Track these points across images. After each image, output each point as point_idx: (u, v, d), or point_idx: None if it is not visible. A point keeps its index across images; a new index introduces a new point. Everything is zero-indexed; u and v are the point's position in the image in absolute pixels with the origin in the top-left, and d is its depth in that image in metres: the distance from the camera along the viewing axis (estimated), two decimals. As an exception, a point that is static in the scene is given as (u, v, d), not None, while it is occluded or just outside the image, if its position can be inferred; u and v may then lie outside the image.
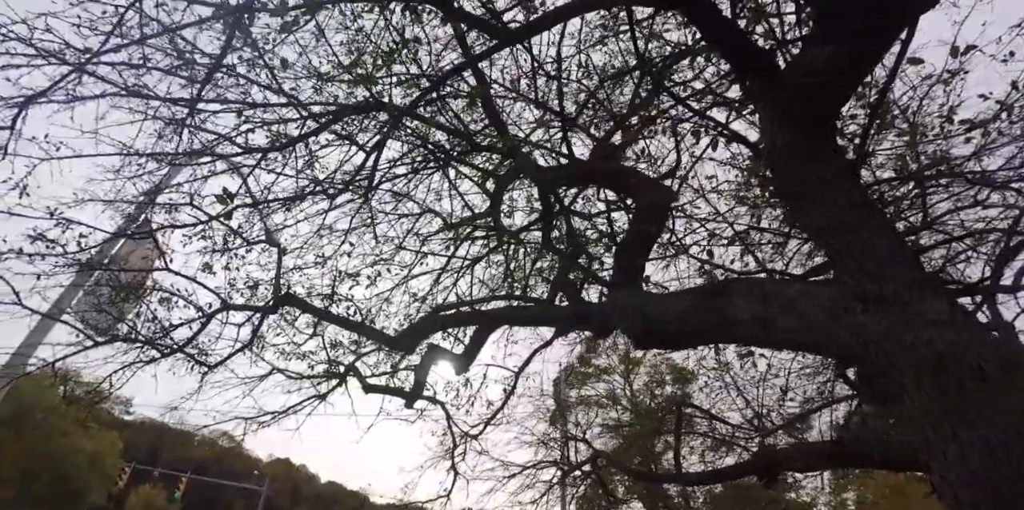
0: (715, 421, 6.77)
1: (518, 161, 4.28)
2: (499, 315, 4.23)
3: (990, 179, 3.76)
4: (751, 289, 2.37)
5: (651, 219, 3.62)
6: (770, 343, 2.29)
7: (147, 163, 3.60)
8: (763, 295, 2.29)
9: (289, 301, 4.18)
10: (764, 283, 2.61)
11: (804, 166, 2.05)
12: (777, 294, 2.26)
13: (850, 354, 2.03)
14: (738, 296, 2.40)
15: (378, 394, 5.44)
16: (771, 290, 2.30)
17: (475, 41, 3.71)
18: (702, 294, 2.59)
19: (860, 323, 1.97)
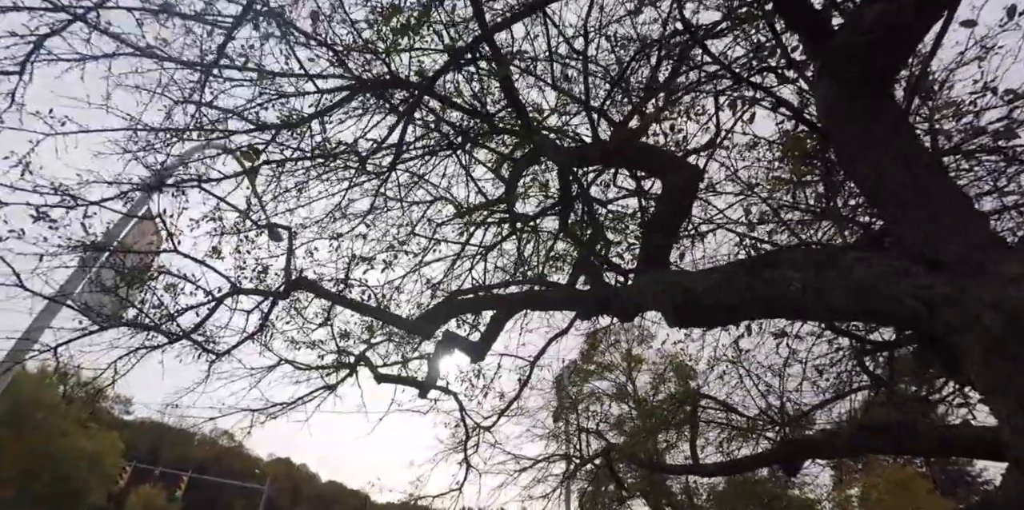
0: (731, 413, 6.65)
1: (537, 141, 4.15)
2: (519, 299, 4.10)
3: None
4: (802, 258, 2.24)
5: (678, 198, 3.50)
6: (823, 314, 2.17)
7: (156, 139, 3.46)
8: (816, 264, 2.17)
9: (301, 285, 4.04)
10: (816, 252, 2.48)
11: (863, 127, 1.93)
12: (832, 262, 2.14)
13: (914, 320, 1.91)
14: (788, 266, 2.28)
15: (390, 384, 5.31)
16: (825, 258, 2.17)
17: (495, 14, 3.58)
18: (746, 266, 2.47)
19: (926, 286, 1.85)
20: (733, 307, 2.51)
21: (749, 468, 5.60)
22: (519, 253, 5.45)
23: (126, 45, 2.90)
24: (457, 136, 4.50)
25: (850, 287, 2.01)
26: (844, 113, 2.00)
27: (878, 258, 2.04)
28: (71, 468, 32.08)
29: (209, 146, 4.85)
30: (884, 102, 2.03)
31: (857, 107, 1.99)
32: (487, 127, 4.56)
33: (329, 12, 3.18)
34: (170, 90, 3.32)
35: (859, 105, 1.99)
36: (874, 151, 1.93)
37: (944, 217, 1.87)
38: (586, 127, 5.32)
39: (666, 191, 3.68)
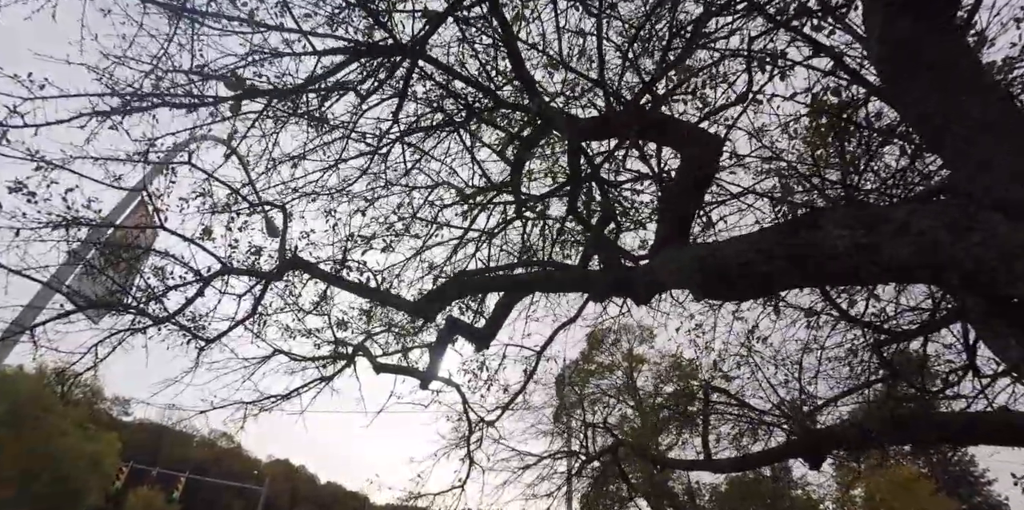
0: (744, 407, 6.41)
1: (547, 113, 3.91)
2: (529, 280, 3.85)
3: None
4: (851, 215, 2.01)
5: (699, 168, 3.27)
6: (875, 276, 1.93)
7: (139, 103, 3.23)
8: (867, 219, 1.94)
9: (296, 265, 3.80)
10: (867, 207, 2.25)
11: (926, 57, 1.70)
12: (884, 217, 1.90)
13: (981, 275, 1.68)
14: (833, 225, 2.04)
15: (390, 375, 5.06)
16: (876, 213, 1.94)
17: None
18: (784, 228, 2.23)
19: (999, 235, 1.62)
20: (768, 274, 2.27)
21: (767, 462, 5.36)
22: (525, 237, 5.22)
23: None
24: (461, 111, 4.27)
25: (911, 241, 1.78)
26: (905, 43, 1.76)
27: (938, 209, 1.81)
28: (70, 468, 31.85)
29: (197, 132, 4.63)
30: (947, 31, 1.80)
31: (919, 35, 1.75)
32: (493, 102, 4.33)
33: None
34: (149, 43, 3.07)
35: (921, 33, 1.76)
36: (938, 82, 1.69)
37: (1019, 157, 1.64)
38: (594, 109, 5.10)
39: (685, 161, 3.45)
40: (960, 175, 1.79)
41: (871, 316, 5.41)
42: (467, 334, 4.37)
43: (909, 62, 1.78)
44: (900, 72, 1.81)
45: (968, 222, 1.67)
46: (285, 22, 3.12)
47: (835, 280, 2.62)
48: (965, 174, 1.74)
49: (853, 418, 5.13)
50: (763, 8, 2.54)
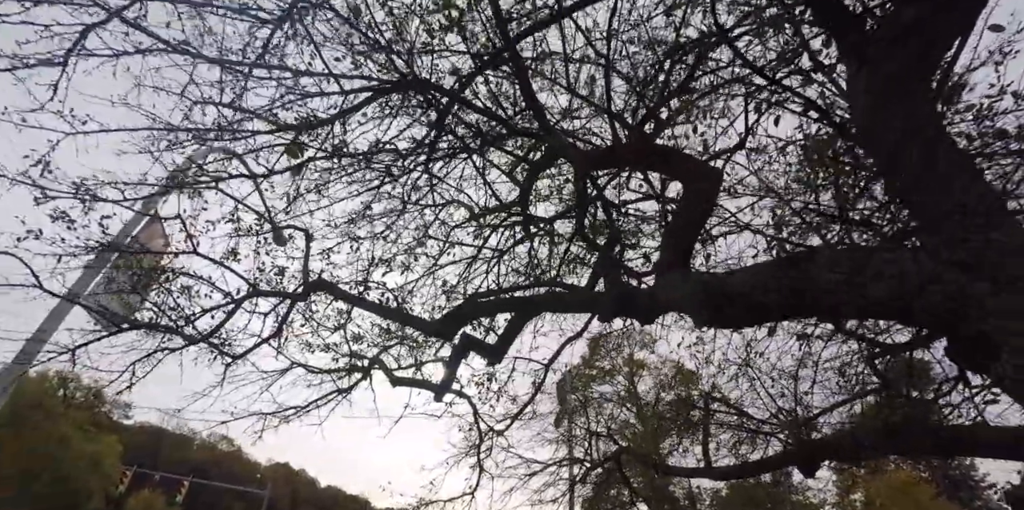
0: (742, 416, 6.64)
1: (556, 143, 4.16)
2: (539, 302, 4.10)
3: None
4: (839, 256, 2.25)
5: (700, 201, 3.51)
6: (859, 312, 2.18)
7: (177, 139, 3.47)
8: (853, 261, 2.18)
9: (321, 287, 4.04)
10: (853, 249, 2.49)
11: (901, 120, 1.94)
12: (868, 260, 2.15)
13: (945, 320, 1.92)
14: (824, 263, 2.29)
15: (405, 387, 5.29)
16: (861, 256, 2.18)
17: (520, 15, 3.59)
18: (781, 264, 2.48)
19: (959, 288, 1.87)
20: (766, 305, 2.51)
21: (764, 470, 5.58)
22: (533, 256, 5.46)
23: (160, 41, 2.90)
24: (475, 138, 4.51)
25: (890, 284, 2.02)
26: (882, 106, 2.01)
27: (913, 257, 2.05)
28: (70, 469, 31.99)
29: (219, 149, 4.87)
30: (921, 97, 2.05)
31: (895, 99, 2.00)
32: (504, 130, 4.57)
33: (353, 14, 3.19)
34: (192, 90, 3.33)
35: (897, 97, 2.01)
36: (911, 150, 1.94)
37: (977, 216, 1.89)
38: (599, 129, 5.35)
39: (687, 194, 3.69)
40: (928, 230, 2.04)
41: (864, 329, 5.66)
42: (480, 350, 4.61)
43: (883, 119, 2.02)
44: (875, 127, 2.06)
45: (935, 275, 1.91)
46: (315, 65, 3.36)
47: (824, 313, 2.86)
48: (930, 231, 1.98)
49: (847, 428, 5.36)
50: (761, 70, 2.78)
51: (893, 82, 1.93)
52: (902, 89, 1.97)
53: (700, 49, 3.26)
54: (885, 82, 1.95)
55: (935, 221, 1.97)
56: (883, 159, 2.14)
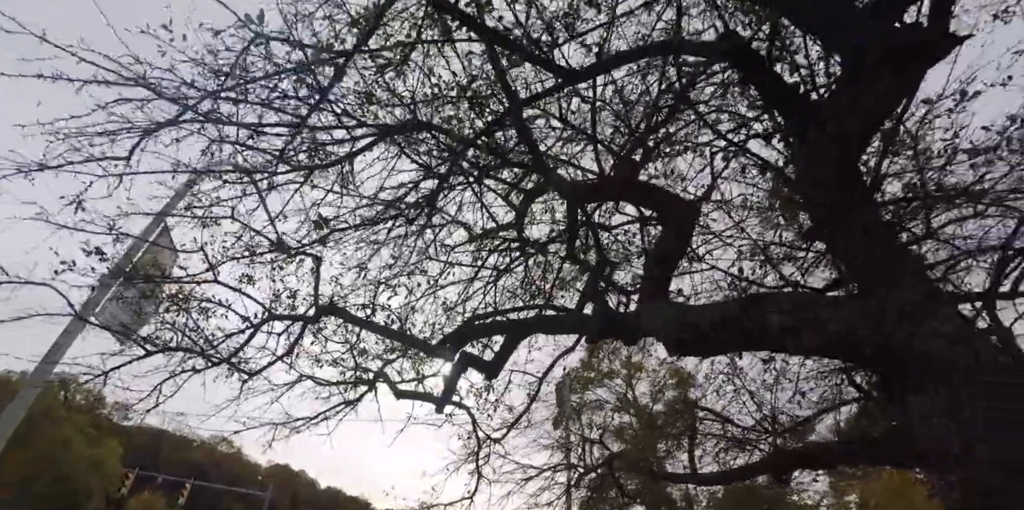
0: (727, 424, 7.01)
1: (549, 177, 4.53)
2: (532, 324, 4.47)
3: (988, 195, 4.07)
4: (782, 302, 2.62)
5: (677, 235, 3.88)
6: (799, 352, 2.53)
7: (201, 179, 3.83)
8: (793, 308, 2.55)
9: (331, 311, 4.40)
10: (794, 297, 2.86)
11: (832, 195, 2.32)
12: (806, 307, 2.51)
13: (870, 362, 2.29)
14: (770, 309, 2.65)
15: (408, 400, 5.64)
16: (800, 303, 2.55)
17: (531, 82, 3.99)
18: (736, 306, 2.84)
19: (881, 335, 2.23)
20: (725, 340, 2.88)
21: (744, 477, 5.95)
22: (529, 277, 5.82)
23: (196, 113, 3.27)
24: (472, 170, 4.88)
25: (821, 330, 2.38)
26: (819, 182, 2.38)
27: (843, 306, 2.42)
28: (71, 470, 32.22)
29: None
30: (853, 173, 2.42)
31: (829, 178, 2.37)
32: (501, 162, 4.94)
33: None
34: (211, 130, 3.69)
35: (831, 176, 2.38)
36: (842, 217, 2.31)
37: (895, 274, 2.25)
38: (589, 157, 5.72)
39: (666, 228, 4.06)
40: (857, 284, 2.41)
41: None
42: (478, 366, 4.98)
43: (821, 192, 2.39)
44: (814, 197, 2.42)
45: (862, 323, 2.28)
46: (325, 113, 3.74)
47: (774, 350, 3.22)
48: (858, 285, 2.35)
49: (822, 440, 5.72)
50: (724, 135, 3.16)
51: (825, 156, 2.30)
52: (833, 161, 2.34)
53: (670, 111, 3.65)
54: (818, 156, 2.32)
55: (858, 276, 2.34)
56: (817, 220, 2.51)
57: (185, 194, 5.01)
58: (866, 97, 2.12)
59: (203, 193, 4.55)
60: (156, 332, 4.99)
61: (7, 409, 7.28)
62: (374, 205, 4.55)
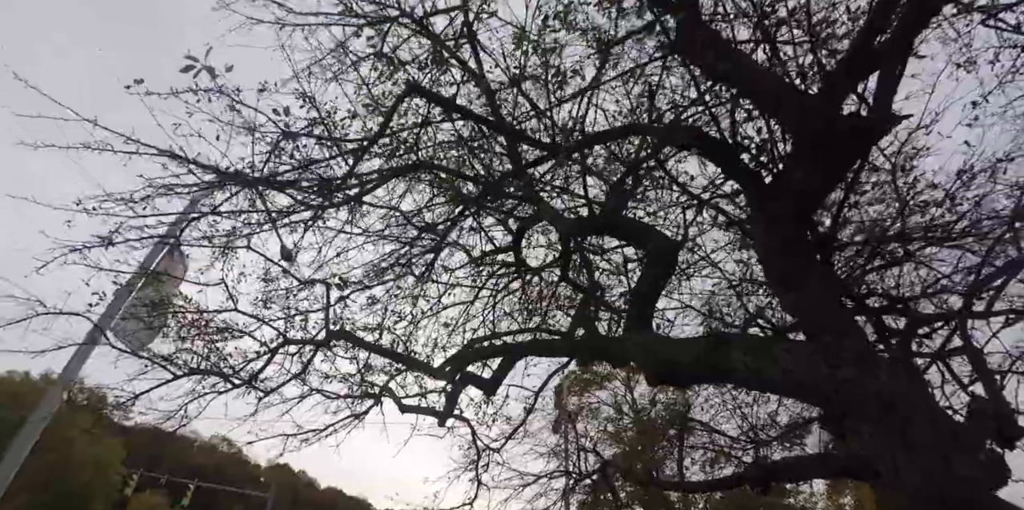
0: (715, 434, 7.39)
1: (542, 209, 4.90)
2: (527, 347, 4.84)
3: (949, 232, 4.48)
4: (745, 344, 2.99)
5: (660, 273, 4.24)
6: (760, 389, 2.91)
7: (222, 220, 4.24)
8: (754, 350, 2.92)
9: (342, 336, 4.76)
10: (755, 340, 3.24)
11: (785, 259, 2.68)
12: (765, 350, 2.89)
13: (820, 401, 2.66)
14: (736, 349, 3.02)
15: (412, 414, 6.02)
16: (760, 346, 2.93)
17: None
18: (708, 345, 3.22)
19: (828, 379, 2.61)
20: (698, 377, 3.26)
21: (728, 486, 6.32)
22: (525, 297, 6.19)
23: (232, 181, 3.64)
24: (471, 204, 5.25)
25: (777, 372, 2.75)
26: (772, 246, 2.75)
27: (798, 350, 2.79)
28: (75, 470, 32.56)
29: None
30: (803, 237, 2.79)
31: (782, 242, 2.74)
32: (498, 194, 5.31)
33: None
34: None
35: (783, 240, 2.75)
36: (793, 278, 2.68)
37: (840, 328, 2.62)
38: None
39: (650, 262, 4.43)
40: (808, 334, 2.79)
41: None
42: (477, 384, 5.36)
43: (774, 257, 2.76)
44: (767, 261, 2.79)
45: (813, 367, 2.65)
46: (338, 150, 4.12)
47: (739, 385, 3.60)
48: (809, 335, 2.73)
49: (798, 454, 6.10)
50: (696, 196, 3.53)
51: (774, 229, 2.67)
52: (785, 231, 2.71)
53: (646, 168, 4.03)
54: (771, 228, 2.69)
55: (807, 325, 2.71)
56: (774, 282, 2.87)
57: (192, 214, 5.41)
58: (812, 176, 2.49)
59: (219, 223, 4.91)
60: (176, 353, 5.37)
61: (29, 420, 7.62)
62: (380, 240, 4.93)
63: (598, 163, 5.36)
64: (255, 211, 4.34)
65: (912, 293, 6.36)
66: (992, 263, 5.88)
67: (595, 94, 3.70)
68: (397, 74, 4.20)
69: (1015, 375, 6.63)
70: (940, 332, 6.22)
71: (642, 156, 3.93)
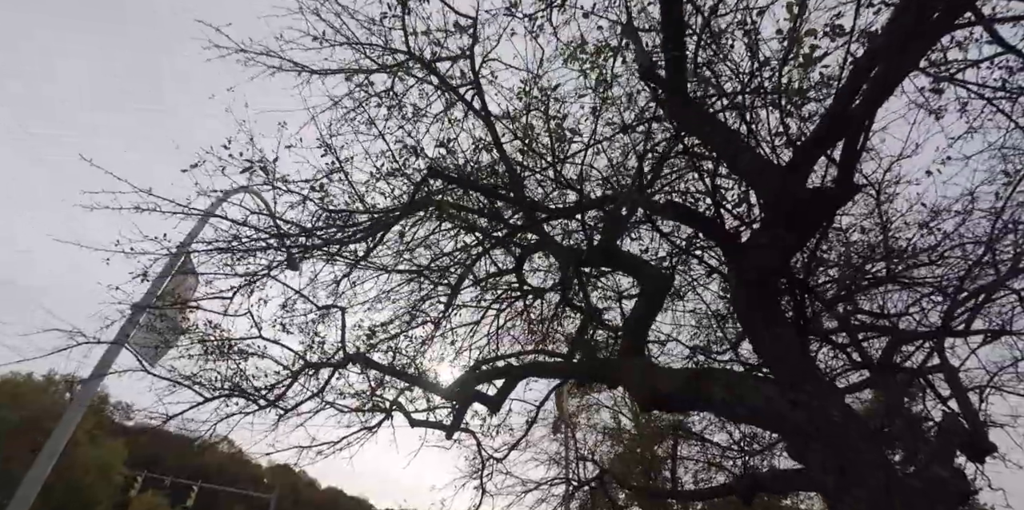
0: (706, 443, 7.79)
1: (545, 240, 5.30)
2: (528, 369, 5.24)
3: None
4: (722, 379, 3.39)
5: (652, 303, 4.64)
6: (735, 419, 3.30)
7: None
8: (729, 383, 3.32)
9: (357, 359, 5.16)
10: (730, 374, 3.64)
11: (753, 313, 3.08)
12: (738, 384, 3.29)
13: (783, 431, 3.05)
14: (715, 382, 3.42)
15: (421, 427, 6.41)
16: (735, 380, 3.33)
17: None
18: (691, 376, 3.62)
19: (789, 414, 3.01)
20: (682, 404, 3.65)
21: (717, 495, 6.72)
22: (526, 318, 6.59)
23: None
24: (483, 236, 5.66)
25: (747, 406, 3.15)
26: (745, 300, 3.16)
27: (765, 388, 3.19)
28: (79, 471, 32.89)
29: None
30: (772, 292, 3.19)
31: (754, 296, 3.14)
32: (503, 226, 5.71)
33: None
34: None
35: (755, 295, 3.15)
36: (762, 329, 3.08)
37: (800, 374, 3.02)
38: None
39: (643, 292, 4.83)
40: (773, 373, 3.18)
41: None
42: (483, 402, 5.76)
43: (745, 311, 3.15)
44: (740, 313, 3.18)
45: (777, 403, 3.04)
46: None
47: (717, 414, 3.99)
48: (775, 374, 3.12)
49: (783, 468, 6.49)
50: (681, 246, 3.94)
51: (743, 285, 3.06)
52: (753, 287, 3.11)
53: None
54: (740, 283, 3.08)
55: (772, 367, 3.10)
56: (745, 329, 3.27)
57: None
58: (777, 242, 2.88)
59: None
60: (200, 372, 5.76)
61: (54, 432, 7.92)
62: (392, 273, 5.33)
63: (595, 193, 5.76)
64: (275, 248, 4.74)
65: (897, 310, 6.78)
66: (967, 287, 6.30)
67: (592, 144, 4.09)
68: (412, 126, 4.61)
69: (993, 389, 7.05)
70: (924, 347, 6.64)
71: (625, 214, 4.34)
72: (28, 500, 6.76)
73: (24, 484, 6.81)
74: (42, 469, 7.06)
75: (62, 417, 8.18)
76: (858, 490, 2.72)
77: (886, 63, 2.77)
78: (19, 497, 6.69)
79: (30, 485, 6.82)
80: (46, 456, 7.27)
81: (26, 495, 6.76)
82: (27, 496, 6.77)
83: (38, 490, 6.83)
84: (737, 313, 3.22)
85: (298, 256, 5.88)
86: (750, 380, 3.25)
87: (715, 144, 3.28)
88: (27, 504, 6.73)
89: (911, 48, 2.89)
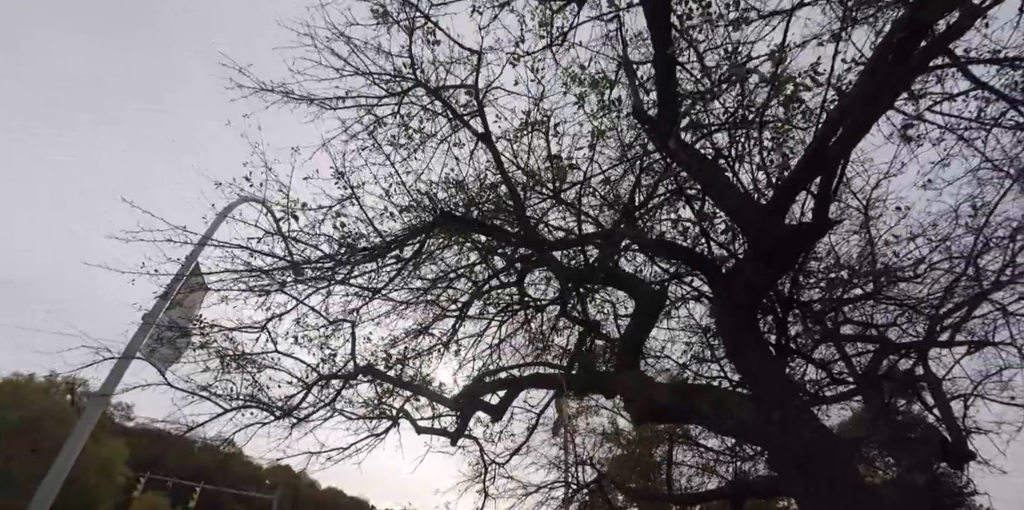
0: (700, 448, 8.09)
1: (546, 258, 5.58)
2: (528, 380, 5.53)
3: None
4: (708, 395, 3.69)
5: (646, 318, 4.93)
6: (721, 433, 3.60)
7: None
8: (714, 400, 3.61)
9: (367, 371, 5.44)
10: (715, 391, 3.94)
11: (736, 335, 3.37)
12: (722, 402, 3.57)
13: (764, 446, 3.34)
14: (702, 398, 3.71)
15: (427, 434, 6.70)
16: (719, 398, 3.62)
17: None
18: (681, 391, 3.91)
19: (769, 431, 3.30)
20: (673, 416, 3.94)
21: (710, 499, 7.02)
22: (527, 330, 6.88)
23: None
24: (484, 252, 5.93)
25: (733, 421, 3.43)
26: (728, 324, 3.44)
27: (748, 406, 3.47)
28: (81, 472, 33.06)
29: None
30: (754, 325, 3.49)
31: (737, 319, 3.43)
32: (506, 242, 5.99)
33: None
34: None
35: (739, 319, 3.44)
36: (745, 352, 3.37)
37: (780, 394, 3.30)
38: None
39: (638, 309, 5.11)
40: (753, 390, 3.47)
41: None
42: (485, 410, 6.05)
43: (729, 334, 3.44)
44: (724, 337, 3.48)
45: (759, 421, 3.32)
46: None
47: (705, 427, 4.28)
48: (754, 391, 3.41)
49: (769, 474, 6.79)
50: (673, 273, 4.23)
51: (728, 311, 3.36)
52: (737, 314, 3.40)
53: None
54: (724, 310, 3.37)
55: (752, 386, 3.39)
56: (729, 352, 3.55)
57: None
58: (760, 272, 3.17)
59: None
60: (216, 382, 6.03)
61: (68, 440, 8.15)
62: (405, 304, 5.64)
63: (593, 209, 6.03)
64: (285, 269, 5.03)
65: (885, 321, 7.08)
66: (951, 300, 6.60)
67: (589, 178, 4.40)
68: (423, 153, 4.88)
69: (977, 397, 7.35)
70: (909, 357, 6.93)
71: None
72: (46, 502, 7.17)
73: (42, 487, 7.19)
74: (56, 476, 7.38)
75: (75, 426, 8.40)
76: (823, 501, 3.01)
77: (858, 113, 3.05)
78: (37, 500, 7.08)
79: (47, 489, 7.19)
80: (60, 463, 7.57)
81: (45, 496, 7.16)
82: (45, 499, 7.17)
83: (55, 494, 7.20)
84: (722, 334, 3.50)
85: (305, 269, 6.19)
86: (735, 397, 3.53)
87: (702, 180, 3.57)
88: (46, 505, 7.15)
89: (882, 97, 3.16)
